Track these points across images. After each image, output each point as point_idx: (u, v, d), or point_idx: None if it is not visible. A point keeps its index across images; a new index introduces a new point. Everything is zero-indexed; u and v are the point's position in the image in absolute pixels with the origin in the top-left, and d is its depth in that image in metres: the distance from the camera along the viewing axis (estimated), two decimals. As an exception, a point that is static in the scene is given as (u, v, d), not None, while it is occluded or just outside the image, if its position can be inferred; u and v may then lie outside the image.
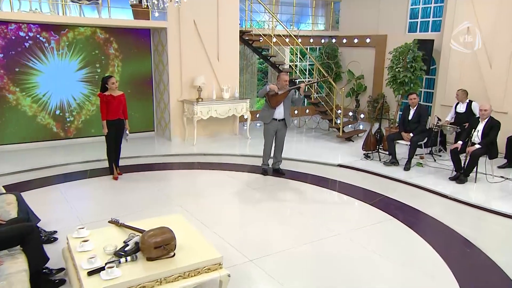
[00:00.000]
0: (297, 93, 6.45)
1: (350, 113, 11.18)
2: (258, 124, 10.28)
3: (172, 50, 8.22)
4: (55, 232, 4.30)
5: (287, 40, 9.98)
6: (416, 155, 7.46)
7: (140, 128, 9.07)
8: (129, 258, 3.09)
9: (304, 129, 10.26)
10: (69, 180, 6.18)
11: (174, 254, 3.19)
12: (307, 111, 11.61)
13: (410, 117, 7.10)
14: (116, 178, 6.28)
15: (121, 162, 6.93)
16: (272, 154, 6.75)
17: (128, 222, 3.70)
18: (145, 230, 3.33)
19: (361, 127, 10.33)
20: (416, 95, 7.12)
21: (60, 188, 5.79)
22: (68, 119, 8.21)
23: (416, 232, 4.65)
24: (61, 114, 8.12)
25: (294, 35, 9.73)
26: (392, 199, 5.70)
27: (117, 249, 3.21)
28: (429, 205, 5.52)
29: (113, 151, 6.24)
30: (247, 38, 9.62)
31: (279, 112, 6.35)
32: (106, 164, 6.46)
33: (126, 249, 3.20)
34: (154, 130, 9.31)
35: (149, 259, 3.12)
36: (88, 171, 6.58)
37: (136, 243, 3.24)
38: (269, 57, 9.72)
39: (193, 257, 3.20)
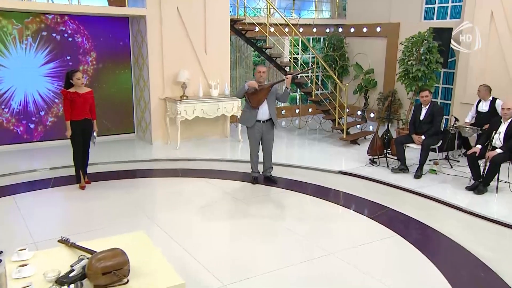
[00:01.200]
0: (283, 87, 6.26)
1: (359, 112, 10.98)
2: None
3: (152, 41, 8.08)
4: (0, 252, 4.15)
5: (286, 30, 9.81)
6: (430, 160, 7.28)
7: (118, 130, 8.94)
8: (72, 286, 2.91)
9: (305, 130, 10.08)
10: (29, 189, 6.05)
11: (127, 281, 3.02)
12: (310, 110, 11.41)
13: (421, 117, 6.90)
14: (83, 188, 6.14)
15: (92, 169, 6.82)
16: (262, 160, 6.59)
17: (85, 241, 3.54)
18: (96, 252, 3.18)
19: (370, 128, 10.14)
20: (428, 92, 6.92)
21: (16, 200, 5.65)
22: (33, 120, 8.09)
23: (422, 252, 4.44)
24: (25, 114, 8.00)
25: (293, 24, 9.56)
26: (397, 212, 5.51)
27: (61, 275, 3.04)
28: (440, 220, 5.32)
29: (81, 156, 6.09)
30: (241, 27, 9.46)
31: (263, 112, 6.18)
32: (73, 171, 6.31)
33: (71, 275, 3.04)
34: (134, 132, 9.18)
35: (97, 287, 2.95)
36: (52, 180, 6.45)
37: (84, 268, 3.07)
38: (264, 49, 9.55)
39: (150, 284, 3.02)
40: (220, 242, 4.75)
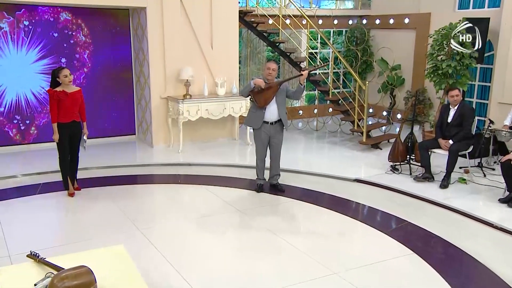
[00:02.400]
0: (297, 83, 6.11)
1: (384, 113, 10.72)
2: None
3: (152, 35, 8.04)
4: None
5: (303, 22, 9.63)
6: (460, 168, 7.02)
7: (118, 132, 8.96)
8: (31, 307, 2.84)
9: (322, 133, 9.91)
10: (13, 196, 6.05)
11: (93, 303, 2.93)
12: (330, 110, 11.20)
13: (449, 119, 6.64)
14: (72, 195, 6.12)
15: (86, 174, 6.87)
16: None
17: (59, 255, 3.46)
18: (63, 269, 3.11)
19: (397, 130, 9.86)
20: (458, 91, 6.64)
21: (-2, 206, 5.68)
22: (26, 120, 8.16)
23: (440, 274, 4.21)
24: (17, 114, 8.08)
25: (310, 16, 9.39)
26: (417, 226, 5.28)
27: (21, 294, 2.97)
28: (466, 236, 5.07)
29: (68, 162, 6.08)
30: (253, 20, 9.36)
31: (271, 113, 6.04)
32: (64, 176, 6.31)
33: (32, 295, 2.97)
34: (135, 134, 9.18)
35: (59, 309, 2.87)
36: (40, 185, 6.46)
37: None
38: (277, 43, 9.41)
39: (118, 307, 2.92)
40: (213, 258, 4.58)
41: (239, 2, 8.92)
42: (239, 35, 10.23)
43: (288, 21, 9.51)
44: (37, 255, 3.50)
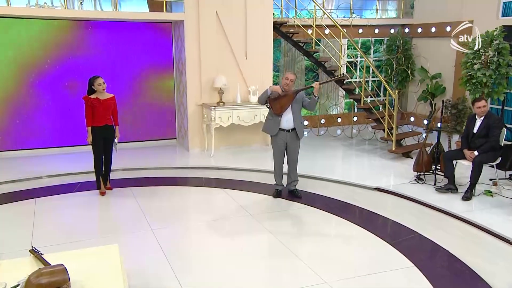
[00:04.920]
0: (310, 94, 5.94)
1: (425, 121, 10.14)
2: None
3: (190, 46, 8.15)
4: (-9, 255, 4.33)
5: (344, 31, 9.33)
6: (490, 179, 6.48)
7: (161, 136, 9.15)
8: (12, 300, 2.91)
9: (357, 141, 9.55)
10: (52, 193, 6.32)
11: (64, 301, 2.94)
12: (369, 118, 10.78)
13: (475, 130, 6.12)
14: (103, 194, 6.32)
15: (122, 175, 7.03)
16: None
17: (57, 252, 3.56)
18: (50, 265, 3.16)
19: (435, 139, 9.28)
20: (485, 102, 6.11)
21: (37, 203, 5.94)
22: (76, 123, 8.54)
23: (436, 291, 3.86)
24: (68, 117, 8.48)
25: (344, 25, 9.07)
26: (427, 239, 4.89)
27: (6, 288, 3.06)
28: (478, 252, 4.62)
29: (101, 163, 6.27)
30: (292, 30, 9.20)
31: (287, 120, 5.88)
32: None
33: (14, 289, 3.04)
34: (176, 138, 9.33)
35: (34, 304, 2.91)
36: (78, 184, 6.71)
37: (28, 282, 3.06)
38: (313, 53, 9.20)
39: (89, 305, 2.92)
40: (212, 262, 4.45)
41: (274, 14, 8.82)
42: (278, 44, 10.14)
43: (327, 31, 9.26)
44: (37, 250, 3.61)
